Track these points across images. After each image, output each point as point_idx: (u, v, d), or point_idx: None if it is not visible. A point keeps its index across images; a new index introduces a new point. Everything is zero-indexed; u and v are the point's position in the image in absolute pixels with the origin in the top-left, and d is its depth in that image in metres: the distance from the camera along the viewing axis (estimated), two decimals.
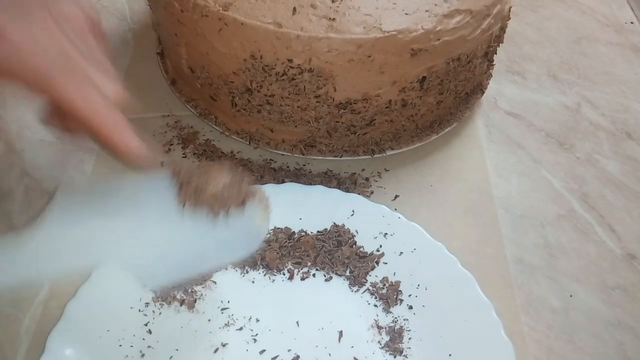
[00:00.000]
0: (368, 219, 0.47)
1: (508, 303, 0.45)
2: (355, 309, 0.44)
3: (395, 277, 0.45)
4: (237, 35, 0.46)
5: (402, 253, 0.46)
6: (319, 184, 0.50)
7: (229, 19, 0.45)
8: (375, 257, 0.46)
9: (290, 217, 0.48)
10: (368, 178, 0.52)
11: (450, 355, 0.41)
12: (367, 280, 0.45)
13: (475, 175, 0.53)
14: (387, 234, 0.47)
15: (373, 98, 0.48)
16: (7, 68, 0.29)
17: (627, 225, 0.51)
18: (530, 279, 0.47)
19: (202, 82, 0.52)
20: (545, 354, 0.43)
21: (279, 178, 0.51)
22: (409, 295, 0.44)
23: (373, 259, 0.46)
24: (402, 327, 0.43)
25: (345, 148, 0.52)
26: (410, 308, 0.44)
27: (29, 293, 0.44)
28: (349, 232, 0.47)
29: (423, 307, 0.44)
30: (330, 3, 0.46)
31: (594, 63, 0.66)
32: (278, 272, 0.46)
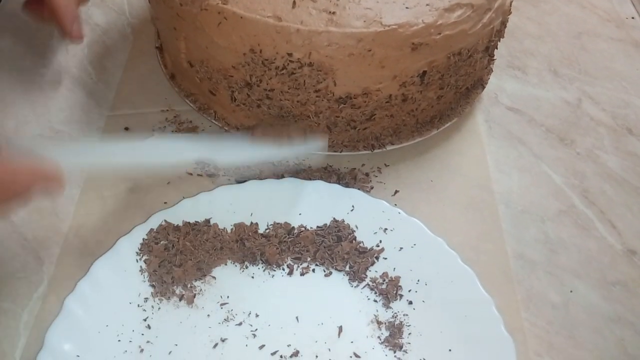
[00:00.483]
0: (368, 214, 0.47)
1: (508, 298, 0.45)
2: (355, 304, 0.44)
3: (395, 272, 0.45)
4: (236, 29, 0.45)
5: (402, 248, 0.46)
6: (319, 179, 0.50)
7: (229, 13, 0.45)
8: (375, 252, 0.46)
9: (290, 212, 0.48)
10: (368, 173, 0.52)
11: (450, 351, 0.41)
12: (367, 276, 0.45)
13: (476, 171, 0.53)
14: (387, 229, 0.47)
15: (373, 93, 0.47)
16: None
17: (627, 221, 0.51)
18: (531, 275, 0.47)
19: (201, 76, 0.51)
20: (546, 350, 0.43)
21: (279, 173, 0.51)
22: (409, 291, 0.44)
23: (373, 254, 0.46)
24: (402, 322, 0.43)
25: (345, 143, 0.52)
26: (410, 303, 0.44)
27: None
28: (349, 227, 0.47)
29: (423, 302, 0.44)
30: None
31: (595, 58, 0.65)
32: (277, 267, 0.45)
